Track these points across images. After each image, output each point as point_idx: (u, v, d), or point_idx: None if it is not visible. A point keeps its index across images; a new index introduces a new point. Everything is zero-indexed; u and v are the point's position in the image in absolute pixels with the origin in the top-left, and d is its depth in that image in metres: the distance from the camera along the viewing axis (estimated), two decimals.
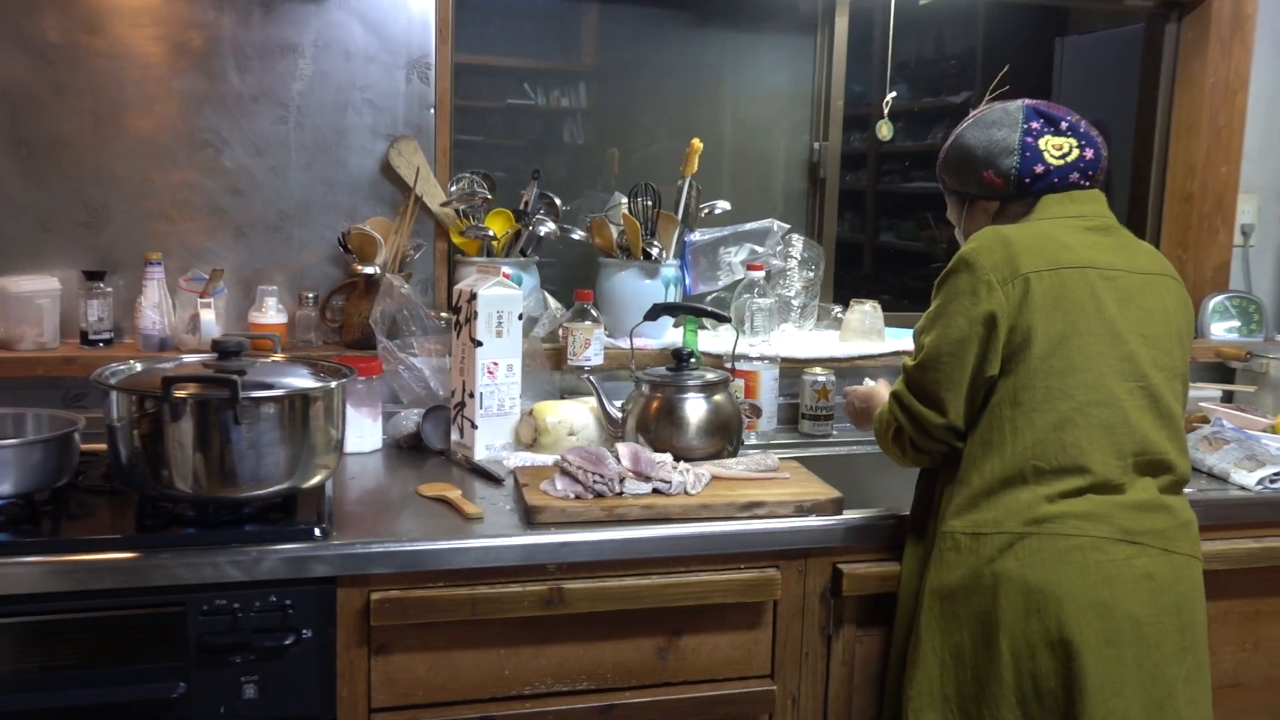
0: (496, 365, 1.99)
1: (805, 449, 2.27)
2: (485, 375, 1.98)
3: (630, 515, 1.68)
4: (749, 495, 1.74)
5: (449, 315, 2.16)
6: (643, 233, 2.33)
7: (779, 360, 2.31)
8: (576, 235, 2.38)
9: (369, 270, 2.16)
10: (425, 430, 2.07)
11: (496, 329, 1.98)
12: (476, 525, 1.65)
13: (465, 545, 1.58)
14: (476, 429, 1.99)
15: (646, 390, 1.99)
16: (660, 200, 2.38)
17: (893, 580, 1.72)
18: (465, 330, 2.00)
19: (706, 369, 2.04)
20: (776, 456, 1.92)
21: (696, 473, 1.78)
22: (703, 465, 1.83)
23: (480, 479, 1.91)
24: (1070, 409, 1.51)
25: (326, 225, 2.25)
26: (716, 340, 2.38)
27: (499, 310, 1.98)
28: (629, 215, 2.32)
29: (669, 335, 2.41)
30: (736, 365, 2.24)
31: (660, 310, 2.13)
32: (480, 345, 1.97)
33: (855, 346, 2.46)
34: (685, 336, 2.20)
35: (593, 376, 2.08)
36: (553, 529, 1.64)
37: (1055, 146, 1.64)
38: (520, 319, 2.01)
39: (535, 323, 2.28)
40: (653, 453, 1.80)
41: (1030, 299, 1.52)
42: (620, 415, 2.01)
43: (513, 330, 2.00)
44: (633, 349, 2.22)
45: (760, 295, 2.32)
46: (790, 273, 2.52)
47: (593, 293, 2.29)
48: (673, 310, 2.18)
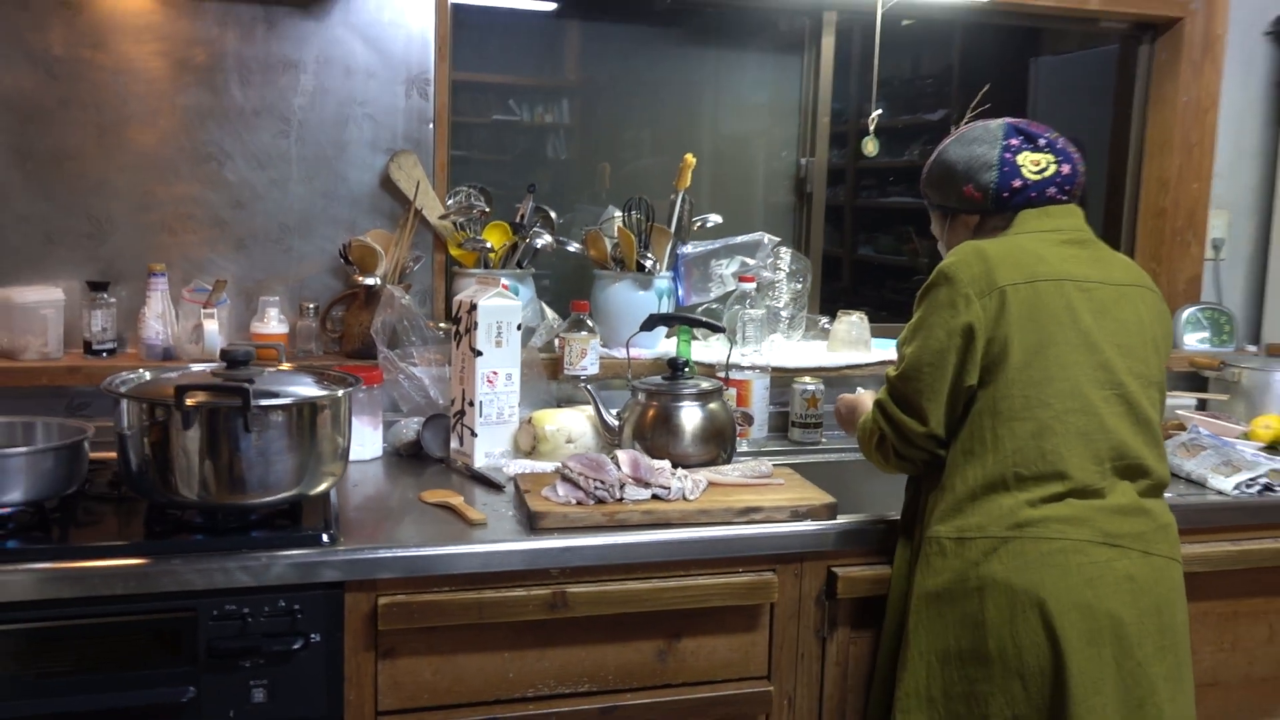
0: (496, 374, 2.00)
1: (796, 456, 2.28)
2: (485, 384, 1.99)
3: (631, 520, 1.69)
4: (746, 501, 1.75)
5: (448, 325, 2.17)
6: (637, 245, 2.34)
7: (770, 370, 2.33)
8: (573, 248, 2.39)
9: (370, 281, 2.16)
10: (425, 438, 2.07)
11: (496, 339, 1.98)
12: (480, 531, 1.65)
13: (471, 550, 1.59)
14: (476, 437, 1.99)
15: (643, 399, 2.00)
16: (653, 214, 2.40)
17: (885, 583, 1.73)
18: (465, 340, 2.00)
19: (701, 378, 2.05)
20: (770, 463, 1.93)
21: (694, 479, 1.79)
22: (699, 472, 1.84)
23: (481, 486, 1.91)
24: (1048, 417, 1.53)
25: (326, 237, 2.25)
26: (708, 350, 2.40)
27: (498, 320, 1.98)
28: (624, 228, 2.34)
29: (662, 345, 2.42)
30: (730, 375, 2.25)
31: (656, 321, 2.15)
32: (480, 355, 1.97)
33: (843, 356, 2.48)
34: (679, 346, 2.22)
35: (590, 385, 2.09)
36: (555, 534, 1.64)
37: (1033, 162, 1.66)
38: (519, 329, 2.02)
39: (533, 333, 2.28)
40: (651, 460, 1.81)
41: (1007, 311, 1.54)
42: (617, 423, 2.02)
43: (512, 340, 2.00)
44: (629, 358, 2.23)
45: (751, 306, 2.34)
46: (779, 285, 2.54)
47: (588, 304, 2.30)
48: (668, 321, 2.20)
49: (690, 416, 1.97)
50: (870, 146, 2.57)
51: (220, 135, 2.17)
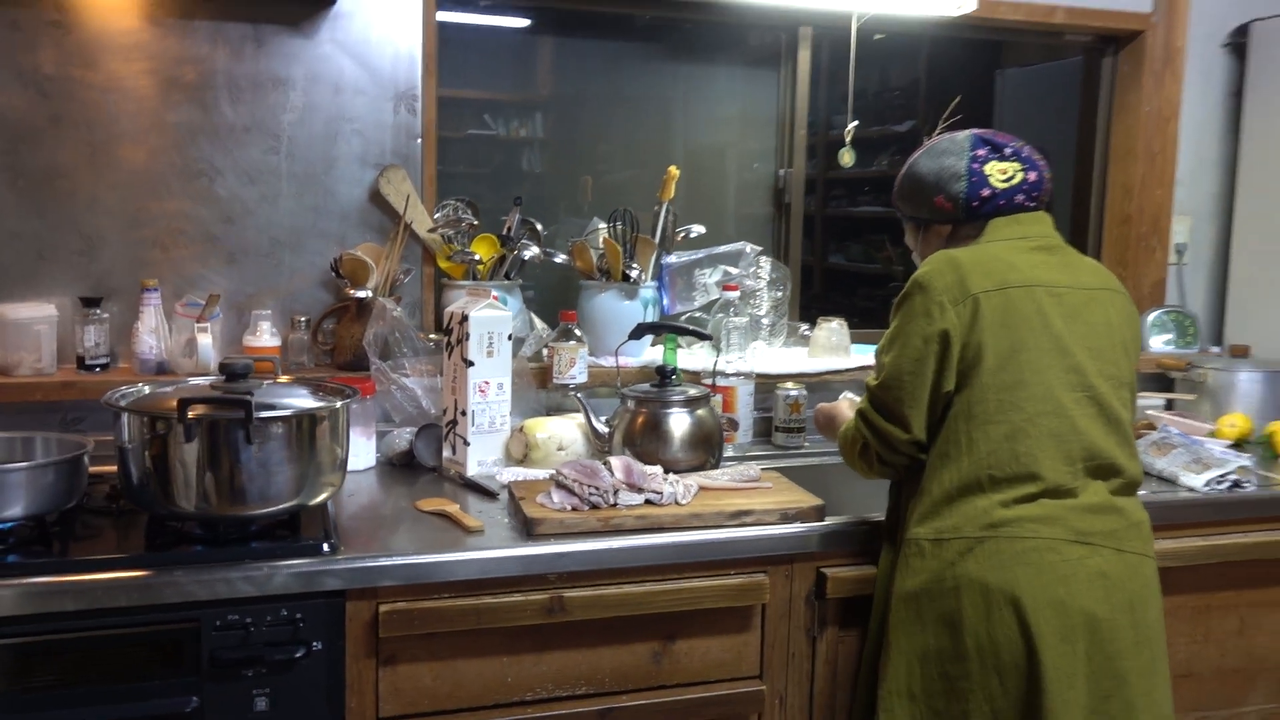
0: (488, 384, 2.00)
1: (780, 460, 2.29)
2: (477, 394, 1.99)
3: (625, 525, 1.69)
4: (736, 504, 1.76)
5: (439, 337, 2.16)
6: (623, 256, 2.35)
7: (754, 376, 2.34)
8: (559, 259, 2.40)
9: (362, 294, 2.15)
10: (418, 448, 2.07)
11: (488, 349, 1.99)
12: (477, 538, 1.65)
13: (470, 557, 1.59)
14: (469, 446, 1.99)
15: (632, 406, 2.01)
16: (638, 225, 2.41)
17: (872, 583, 1.74)
18: (457, 351, 2.00)
19: (689, 385, 2.07)
20: (758, 467, 1.95)
21: (685, 484, 1.79)
22: (690, 476, 1.85)
23: (474, 493, 1.91)
24: (1021, 420, 1.54)
25: (316, 251, 2.25)
26: (692, 358, 2.41)
27: (490, 331, 1.99)
28: (610, 239, 2.35)
29: (647, 353, 2.43)
30: (716, 381, 2.27)
31: (645, 329, 2.16)
32: (472, 365, 1.97)
33: (824, 362, 2.50)
34: (665, 354, 2.23)
35: (580, 393, 2.09)
36: (552, 540, 1.64)
37: (1000, 171, 1.67)
38: (509, 339, 2.02)
39: (522, 343, 2.29)
40: (644, 465, 1.82)
41: (980, 318, 1.55)
42: (607, 430, 2.03)
43: (503, 350, 2.00)
44: (619, 367, 2.24)
45: (735, 314, 2.36)
46: (760, 293, 2.56)
47: (576, 314, 2.31)
48: (657, 330, 2.21)
49: (679, 423, 1.98)
50: (847, 158, 2.59)
51: (211, 152, 2.16)
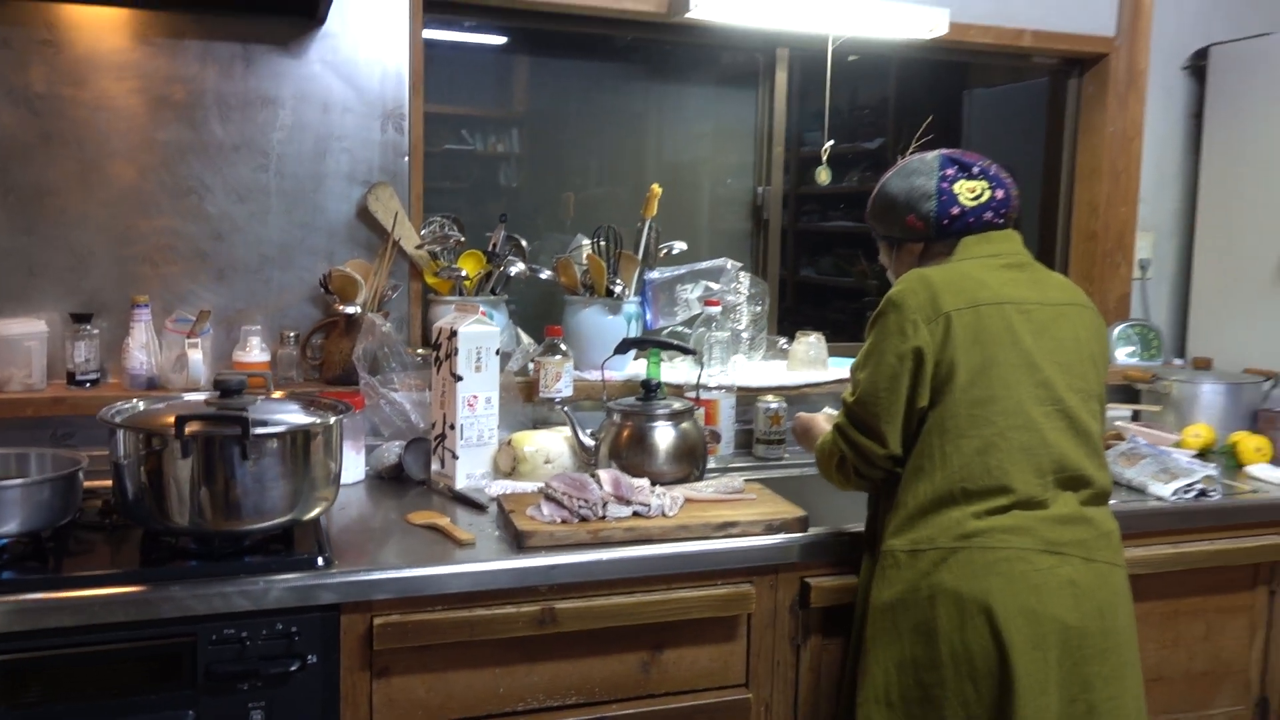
0: (476, 398, 2.00)
1: (761, 471, 2.31)
2: (465, 408, 1.99)
3: (614, 537, 1.70)
4: (722, 516, 1.77)
5: (426, 351, 2.16)
6: (606, 272, 2.36)
7: (735, 389, 2.36)
8: (545, 275, 2.41)
9: (350, 310, 2.15)
10: (407, 461, 2.07)
11: (476, 364, 1.99)
12: (469, 551, 1.65)
13: (462, 570, 1.58)
14: (458, 459, 1.99)
15: (618, 419, 2.02)
16: (621, 241, 2.42)
17: (854, 592, 1.75)
18: (445, 365, 2.00)
19: (673, 398, 2.08)
20: (741, 479, 1.96)
21: (672, 495, 1.80)
22: (675, 489, 1.86)
23: (464, 506, 1.91)
24: (992, 434, 1.56)
25: (305, 267, 2.24)
26: (674, 371, 2.42)
27: (478, 346, 1.99)
28: (594, 255, 2.36)
29: (631, 367, 2.44)
30: (699, 394, 2.28)
31: (630, 344, 2.17)
32: (461, 379, 1.97)
33: (803, 375, 2.51)
34: (649, 368, 2.24)
35: (566, 407, 2.10)
36: (542, 552, 1.64)
37: (969, 190, 1.69)
38: (497, 354, 2.02)
39: (508, 358, 2.29)
40: (632, 478, 1.83)
41: (952, 335, 1.57)
42: (593, 443, 2.03)
43: (490, 365, 2.00)
44: (604, 381, 2.25)
45: (717, 329, 2.37)
46: (740, 307, 2.58)
47: (561, 329, 2.32)
48: (642, 344, 2.22)
49: (664, 435, 1.99)
50: (823, 176, 2.62)
51: (200, 169, 2.15)
